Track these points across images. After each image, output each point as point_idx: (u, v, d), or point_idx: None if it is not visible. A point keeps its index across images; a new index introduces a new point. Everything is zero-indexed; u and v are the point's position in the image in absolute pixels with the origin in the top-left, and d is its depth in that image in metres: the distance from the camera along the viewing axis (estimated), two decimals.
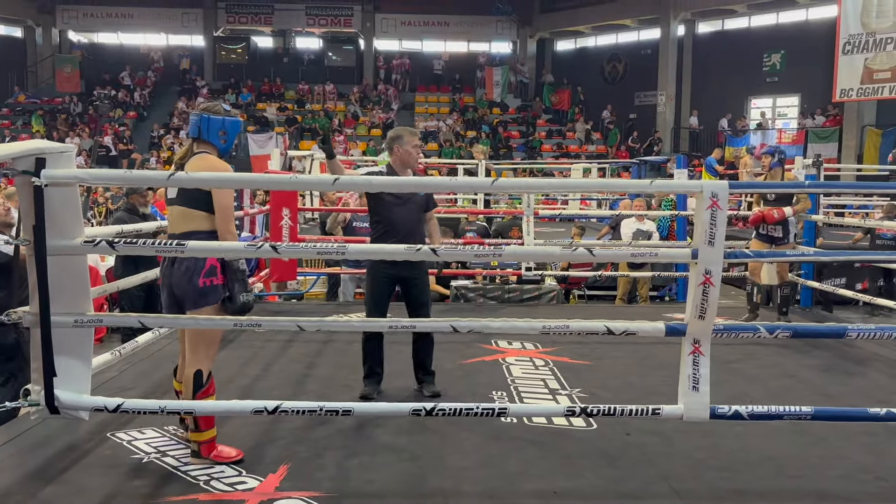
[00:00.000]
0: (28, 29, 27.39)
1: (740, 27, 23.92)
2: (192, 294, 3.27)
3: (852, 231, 10.54)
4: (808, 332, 3.70)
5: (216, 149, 3.42)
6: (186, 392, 3.34)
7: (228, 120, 3.43)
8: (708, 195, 2.87)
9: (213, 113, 3.41)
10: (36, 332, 2.90)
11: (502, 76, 26.63)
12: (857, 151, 19.53)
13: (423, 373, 4.53)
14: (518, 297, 7.97)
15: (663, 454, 3.58)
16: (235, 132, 3.47)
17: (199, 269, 3.25)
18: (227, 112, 3.45)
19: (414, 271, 4.42)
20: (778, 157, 6.42)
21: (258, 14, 27.64)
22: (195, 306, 3.27)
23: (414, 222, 4.42)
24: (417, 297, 4.48)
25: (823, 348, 5.70)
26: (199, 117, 3.40)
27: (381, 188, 3.32)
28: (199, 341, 3.34)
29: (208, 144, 3.41)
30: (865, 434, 3.79)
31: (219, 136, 3.40)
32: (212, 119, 3.39)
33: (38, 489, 3.11)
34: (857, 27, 17.82)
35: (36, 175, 2.75)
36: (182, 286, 3.28)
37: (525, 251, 6.46)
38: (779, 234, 6.36)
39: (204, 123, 3.38)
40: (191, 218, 3.29)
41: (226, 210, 3.30)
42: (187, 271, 3.26)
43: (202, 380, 3.32)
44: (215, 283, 3.28)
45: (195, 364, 3.32)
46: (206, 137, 3.39)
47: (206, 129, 3.38)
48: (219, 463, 3.35)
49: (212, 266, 3.27)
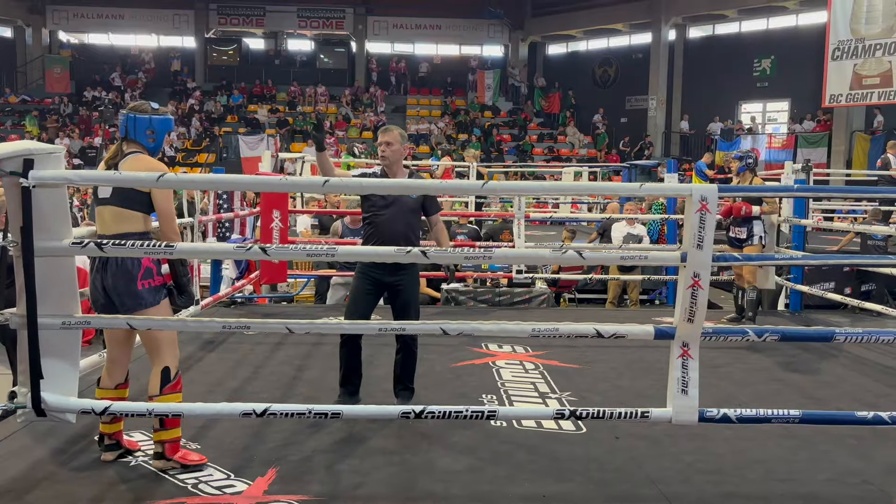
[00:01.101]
0: (18, 29, 27.26)
1: (731, 32, 24.06)
2: (128, 297, 3.23)
3: (840, 235, 10.59)
4: (795, 336, 3.71)
5: (145, 148, 3.38)
6: (153, 388, 3.29)
7: (156, 119, 3.38)
8: (697, 199, 2.87)
9: (140, 112, 3.37)
10: (23, 333, 2.88)
11: (494, 80, 26.66)
12: (847, 156, 19.65)
13: (401, 387, 4.34)
14: (509, 301, 7.98)
15: (652, 458, 3.59)
16: (164, 131, 3.41)
17: (136, 273, 3.22)
18: (154, 111, 3.40)
19: (398, 276, 4.18)
20: (746, 161, 6.58)
21: (250, 16, 27.58)
22: (132, 310, 3.22)
23: (400, 225, 4.17)
24: (402, 304, 4.24)
25: (812, 352, 5.73)
26: (126, 117, 3.36)
27: (371, 190, 3.29)
28: (160, 343, 3.30)
29: (137, 144, 3.36)
30: (853, 437, 3.81)
31: (146, 136, 3.36)
32: (138, 118, 3.35)
33: (24, 492, 3.08)
34: (847, 33, 17.93)
35: (24, 176, 2.73)
36: (119, 290, 3.23)
37: (514, 254, 6.47)
38: (742, 235, 6.48)
39: (130, 123, 3.34)
40: (125, 219, 3.25)
41: (168, 210, 3.27)
42: (123, 275, 3.22)
43: (170, 375, 3.30)
44: (153, 285, 3.27)
45: (161, 362, 3.31)
46: (133, 137, 3.35)
47: (133, 129, 3.34)
48: (202, 466, 3.33)
49: (147, 268, 3.25)
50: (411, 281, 4.26)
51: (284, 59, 28.39)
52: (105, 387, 3.42)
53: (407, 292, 4.24)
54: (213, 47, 27.76)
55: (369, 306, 4.26)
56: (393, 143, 4.20)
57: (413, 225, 4.26)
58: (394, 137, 4.21)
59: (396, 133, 4.25)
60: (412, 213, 4.23)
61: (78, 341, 3.12)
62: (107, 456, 3.41)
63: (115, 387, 3.42)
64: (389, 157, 4.21)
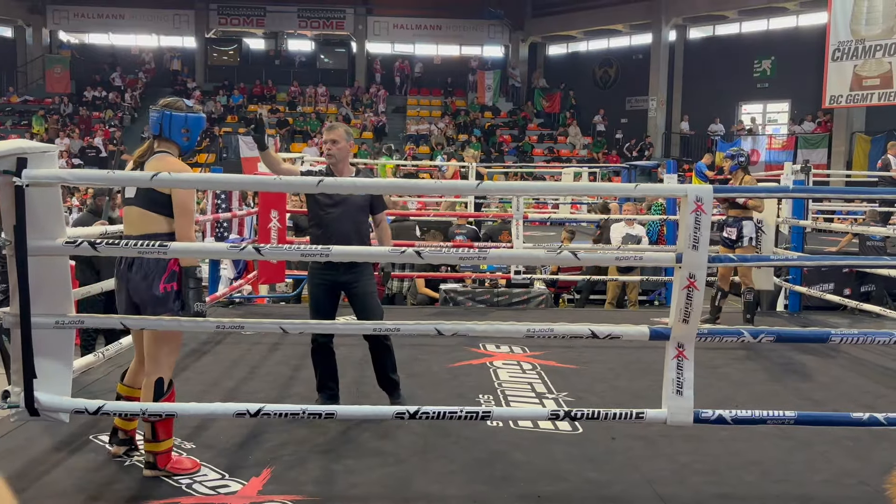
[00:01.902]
0: (18, 29, 27.25)
1: (731, 33, 24.04)
2: (151, 300, 3.18)
3: (840, 237, 10.58)
4: (792, 337, 3.70)
5: (178, 147, 3.31)
6: (146, 399, 3.22)
7: (192, 117, 3.30)
8: (692, 199, 2.87)
9: (176, 109, 3.29)
10: (16, 333, 2.87)
11: (494, 80, 26.66)
12: (847, 158, 19.63)
13: (384, 381, 4.25)
14: (507, 301, 7.97)
15: (648, 458, 3.58)
16: (198, 129, 3.34)
17: (160, 274, 3.17)
18: (189, 108, 3.32)
19: (351, 275, 4.07)
20: (737, 160, 6.61)
21: (250, 16, 27.57)
22: (155, 312, 3.16)
23: (349, 225, 4.07)
24: (360, 302, 4.14)
25: (810, 353, 5.72)
26: (161, 114, 3.26)
27: (365, 189, 3.28)
28: (161, 349, 3.23)
29: (170, 143, 3.29)
30: (849, 438, 3.80)
31: (181, 134, 3.28)
32: (174, 116, 3.26)
33: (18, 492, 3.07)
34: (847, 34, 17.91)
35: (17, 175, 2.73)
36: (141, 291, 3.19)
37: (510, 254, 6.46)
38: (733, 237, 6.47)
39: (166, 121, 3.25)
40: (150, 220, 3.19)
41: (187, 214, 3.19)
42: (147, 276, 3.17)
43: (163, 388, 3.23)
44: (176, 289, 3.20)
45: (156, 372, 3.22)
46: (167, 135, 3.26)
47: (168, 127, 3.25)
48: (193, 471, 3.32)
49: (172, 271, 3.19)
50: (365, 278, 4.14)
51: (284, 59, 28.38)
52: (128, 384, 3.41)
53: (363, 289, 4.13)
54: (213, 47, 27.76)
55: (331, 307, 4.17)
56: (339, 140, 4.11)
57: (361, 223, 4.16)
58: (339, 135, 4.12)
59: (342, 131, 4.16)
60: (360, 211, 4.14)
61: (71, 341, 3.12)
62: (117, 450, 3.40)
63: (139, 387, 3.36)
64: (335, 154, 4.11)
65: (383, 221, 4.30)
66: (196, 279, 3.24)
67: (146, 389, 3.25)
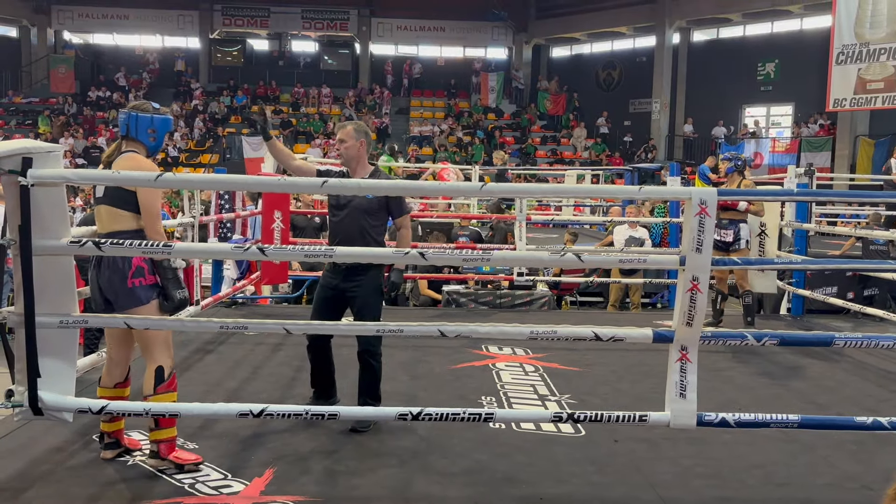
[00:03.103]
0: (23, 29, 27.31)
1: (735, 36, 24.01)
2: (121, 295, 3.25)
3: (844, 240, 10.57)
4: (795, 341, 3.70)
5: (145, 147, 3.40)
6: (148, 388, 3.30)
7: (157, 118, 3.41)
8: (696, 202, 2.86)
9: (142, 111, 3.39)
10: (20, 332, 2.88)
11: (497, 82, 26.66)
12: (850, 161, 19.60)
13: (361, 402, 4.01)
14: (510, 303, 7.97)
15: (651, 461, 3.57)
16: (165, 130, 3.44)
17: (127, 271, 3.24)
18: (155, 110, 3.42)
19: (352, 282, 3.94)
20: (735, 163, 6.57)
21: (254, 17, 27.61)
22: (126, 307, 3.24)
23: (353, 228, 3.94)
24: (357, 311, 3.99)
25: (814, 356, 5.70)
26: (128, 115, 3.38)
27: (368, 190, 3.28)
28: (153, 341, 3.31)
29: (137, 143, 3.38)
30: (853, 442, 3.79)
31: (148, 135, 3.38)
32: (140, 117, 3.37)
33: (21, 491, 3.08)
34: (851, 37, 17.90)
35: (22, 175, 2.73)
36: (111, 288, 3.26)
37: (512, 256, 6.45)
38: (729, 238, 6.44)
39: (132, 122, 3.36)
40: (117, 217, 3.27)
41: (152, 210, 3.26)
42: (115, 273, 3.25)
43: (164, 375, 3.30)
44: (144, 284, 3.27)
45: (155, 362, 3.31)
46: (134, 135, 3.36)
47: (135, 128, 3.36)
48: (197, 466, 3.33)
49: (139, 267, 3.26)
50: (368, 287, 3.97)
51: (288, 60, 28.40)
52: (105, 385, 3.43)
53: (362, 298, 3.97)
54: (217, 48, 27.79)
55: (330, 312, 4.02)
56: (346, 139, 3.99)
57: (367, 227, 3.97)
58: (347, 134, 3.99)
59: (350, 129, 4.01)
60: (367, 214, 3.97)
61: (75, 340, 3.12)
62: (106, 454, 3.41)
63: (115, 385, 3.43)
64: (344, 154, 4.00)
65: (403, 227, 4.07)
66: (171, 269, 3.32)
67: (147, 379, 3.31)
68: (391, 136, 24.35)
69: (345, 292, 4.00)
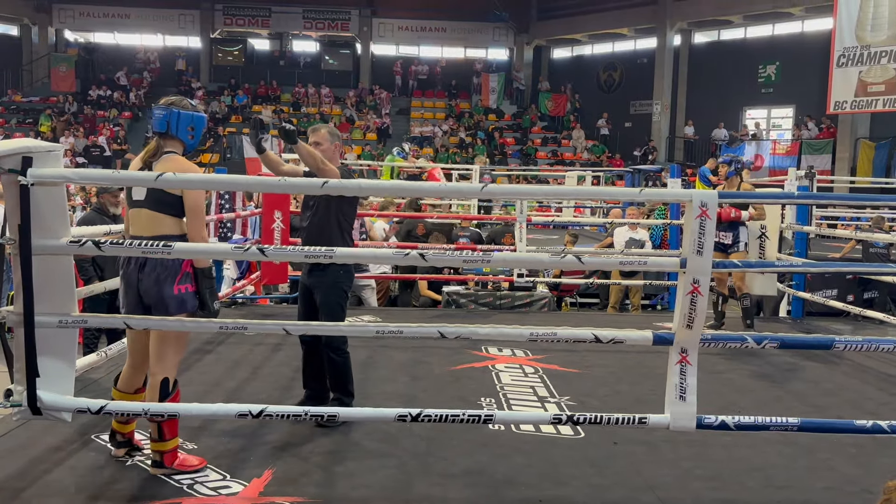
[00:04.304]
0: (24, 27, 27.32)
1: (736, 38, 24.02)
2: (167, 302, 3.17)
3: (844, 243, 10.57)
4: (795, 343, 3.69)
5: (183, 145, 3.30)
6: (151, 400, 3.22)
7: (197, 115, 3.32)
8: (697, 204, 2.86)
9: (182, 108, 3.29)
10: (19, 332, 2.87)
11: (498, 83, 26.67)
12: (851, 164, 19.60)
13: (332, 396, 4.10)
14: (509, 304, 7.96)
15: (650, 463, 3.57)
16: (202, 128, 3.35)
17: (174, 276, 3.16)
18: (193, 107, 3.33)
19: (313, 278, 4.05)
20: (734, 166, 6.53)
21: (255, 17, 27.63)
22: (169, 314, 3.16)
23: (315, 227, 4.02)
24: (319, 306, 4.06)
25: (814, 359, 5.70)
26: (168, 112, 3.25)
27: (369, 192, 3.29)
28: (168, 348, 3.23)
29: (176, 141, 3.28)
30: (853, 446, 3.78)
31: (187, 132, 3.28)
32: (182, 114, 3.27)
33: (20, 490, 3.08)
34: (852, 40, 17.91)
35: (22, 174, 2.73)
36: (154, 293, 3.17)
37: (513, 257, 6.45)
38: (728, 241, 6.42)
39: (173, 118, 3.25)
40: (160, 222, 3.18)
41: (199, 215, 3.19)
42: (160, 278, 3.16)
43: (168, 388, 3.23)
44: (190, 290, 3.20)
45: (162, 372, 3.23)
46: (175, 133, 3.26)
47: (176, 125, 3.26)
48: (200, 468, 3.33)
49: (186, 273, 3.19)
50: (327, 284, 4.03)
51: (289, 60, 28.40)
52: (124, 390, 3.38)
53: (322, 294, 4.05)
54: (218, 48, 27.80)
55: (304, 308, 4.16)
56: (321, 142, 4.05)
57: (324, 225, 4.02)
58: (322, 137, 4.07)
59: (325, 132, 4.10)
60: (326, 213, 4.03)
61: (74, 340, 3.11)
62: (118, 452, 3.39)
63: (135, 391, 3.37)
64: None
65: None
66: (211, 279, 3.27)
67: (151, 390, 3.25)
68: (392, 137, 24.35)
69: (310, 288, 4.11)
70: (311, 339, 4.13)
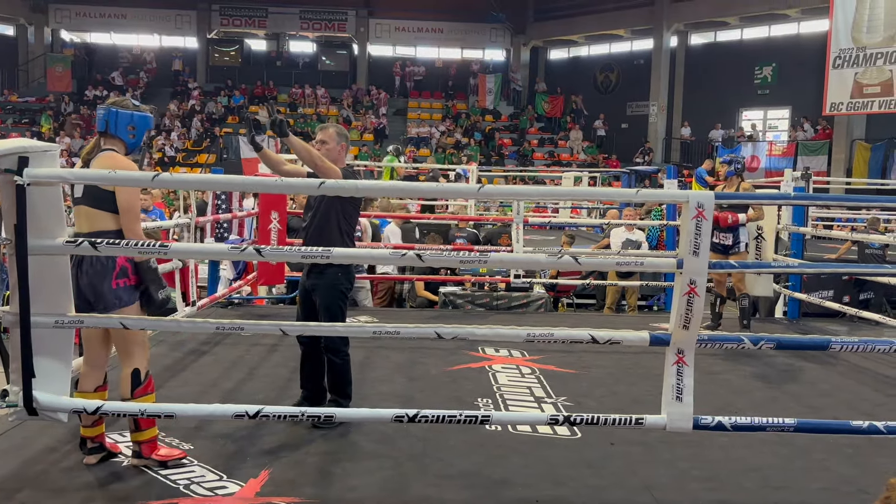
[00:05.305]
0: (20, 27, 27.29)
1: (733, 39, 24.09)
2: (105, 296, 3.20)
3: (840, 244, 10.60)
4: (792, 344, 3.69)
5: (124, 144, 3.33)
6: (124, 391, 3.26)
7: (137, 115, 3.33)
8: (693, 205, 2.86)
9: (122, 107, 3.32)
10: (15, 332, 2.86)
11: (495, 84, 26.69)
12: (847, 165, 19.66)
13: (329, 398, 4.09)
14: (506, 305, 7.96)
15: (647, 464, 3.57)
16: (145, 128, 3.36)
17: (111, 271, 3.19)
18: (136, 107, 3.35)
19: (311, 280, 4.05)
20: (734, 166, 6.52)
21: (252, 17, 27.63)
22: (109, 308, 3.19)
23: (315, 229, 4.01)
24: (318, 307, 4.05)
25: (810, 360, 5.71)
26: (107, 111, 3.29)
27: (366, 193, 3.28)
28: (129, 343, 3.27)
29: (116, 140, 3.31)
30: (849, 446, 3.79)
31: (127, 131, 3.31)
32: (120, 113, 3.29)
33: (15, 491, 3.07)
34: (848, 42, 17.96)
35: (18, 174, 2.72)
36: (93, 288, 3.20)
37: (510, 258, 6.43)
38: (729, 241, 6.42)
39: (112, 118, 3.28)
40: (97, 218, 3.20)
41: (131, 210, 3.20)
42: (98, 274, 3.19)
43: (140, 377, 3.27)
44: (128, 284, 3.23)
45: (130, 364, 3.27)
46: (113, 132, 3.29)
47: (115, 124, 3.28)
48: (183, 462, 3.33)
49: (122, 267, 3.21)
50: (325, 286, 4.02)
51: (286, 60, 28.41)
52: (84, 390, 3.36)
53: (320, 296, 4.04)
54: (214, 48, 27.80)
55: (304, 310, 4.15)
56: (328, 141, 4.04)
57: (323, 226, 4.00)
58: (329, 136, 4.05)
59: (332, 132, 4.08)
60: (327, 214, 4.00)
61: (70, 340, 3.11)
62: (90, 459, 3.36)
63: (95, 389, 3.37)
64: (326, 155, 3.99)
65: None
66: (152, 269, 3.27)
67: (123, 381, 3.27)
68: (389, 138, 24.35)
69: (309, 290, 4.10)
70: (309, 339, 4.13)
